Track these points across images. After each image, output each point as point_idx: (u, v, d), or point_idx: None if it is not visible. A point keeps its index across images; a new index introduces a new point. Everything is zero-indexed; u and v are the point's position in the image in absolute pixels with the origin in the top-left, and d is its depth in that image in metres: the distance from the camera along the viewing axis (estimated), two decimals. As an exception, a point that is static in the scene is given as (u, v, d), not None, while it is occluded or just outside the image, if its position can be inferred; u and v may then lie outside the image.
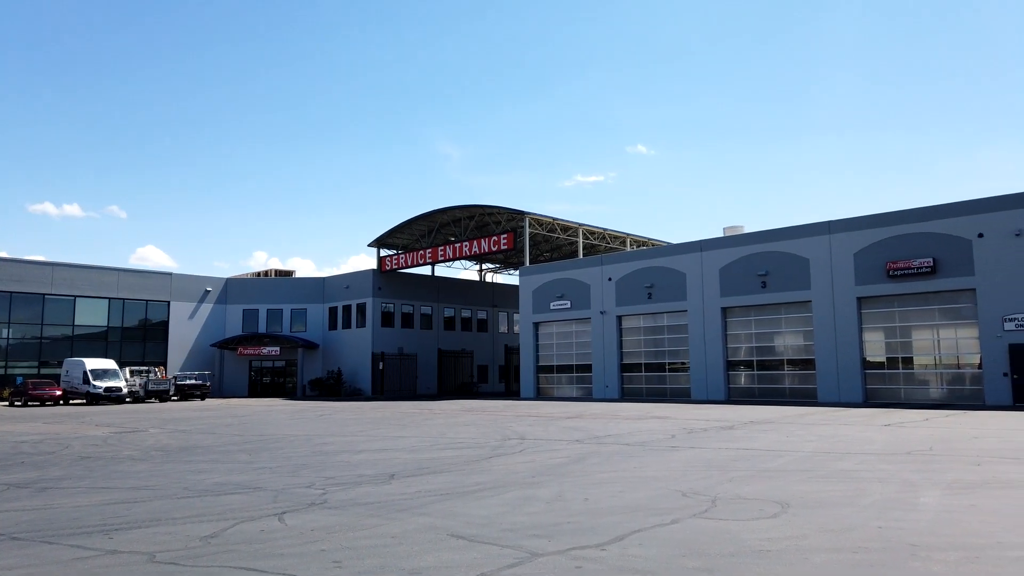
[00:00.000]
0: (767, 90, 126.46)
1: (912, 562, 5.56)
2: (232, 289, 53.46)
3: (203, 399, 44.64)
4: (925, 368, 28.92)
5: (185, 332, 50.90)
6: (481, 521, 7.36)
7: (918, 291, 28.57)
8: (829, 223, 31.28)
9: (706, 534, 6.62)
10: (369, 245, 51.23)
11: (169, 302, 50.39)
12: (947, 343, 28.41)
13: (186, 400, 43.81)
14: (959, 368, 28.12)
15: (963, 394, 27.71)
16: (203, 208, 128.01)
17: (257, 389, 52.53)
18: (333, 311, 52.65)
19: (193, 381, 45.18)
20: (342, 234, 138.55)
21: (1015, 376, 26.01)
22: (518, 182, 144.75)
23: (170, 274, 51.27)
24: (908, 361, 29.27)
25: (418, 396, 47.80)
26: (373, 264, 50.90)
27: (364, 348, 49.55)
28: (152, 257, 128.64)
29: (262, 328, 52.68)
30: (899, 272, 28.79)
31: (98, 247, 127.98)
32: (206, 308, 52.09)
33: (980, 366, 27.14)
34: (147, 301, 49.61)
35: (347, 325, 51.39)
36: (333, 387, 49.51)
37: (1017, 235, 26.25)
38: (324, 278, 54.50)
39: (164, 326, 50.23)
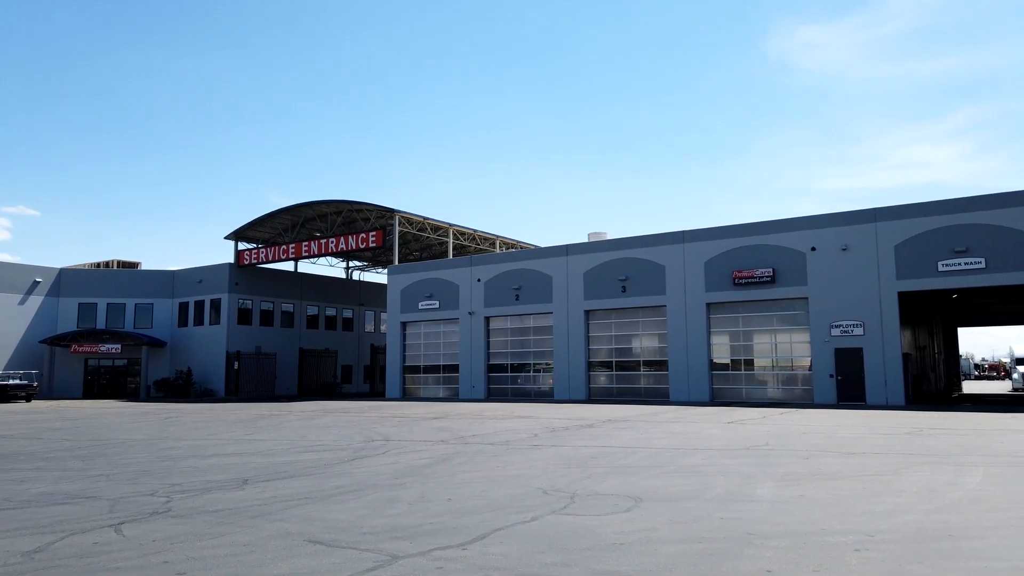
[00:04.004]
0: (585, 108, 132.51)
1: (748, 549, 6.01)
2: (67, 280, 48.71)
3: (29, 401, 40.40)
4: (764, 369, 31.41)
5: (9, 327, 45.77)
6: (340, 525, 7.15)
7: (760, 298, 30.99)
8: (683, 233, 33.22)
9: (565, 529, 6.81)
10: (226, 237, 48.28)
11: (-10, 293, 45.23)
12: (783, 347, 31.02)
13: (8, 402, 39.41)
14: (793, 370, 30.77)
15: (796, 393, 30.35)
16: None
17: (94, 390, 48.19)
18: (184, 307, 49.31)
19: (17, 381, 40.77)
20: (195, 229, 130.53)
21: (839, 377, 28.85)
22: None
23: (-8, 262, 46.05)
24: (749, 363, 31.66)
25: (277, 397, 45.83)
26: (230, 258, 48.28)
27: (218, 347, 46.82)
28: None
29: (101, 324, 48.36)
30: (744, 280, 31.09)
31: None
32: (35, 301, 47.14)
33: (810, 368, 29.84)
34: (-37, 292, 44.26)
35: (199, 322, 48.32)
36: (182, 388, 46.40)
37: (843, 250, 29.11)
38: (174, 271, 50.85)
39: (-17, 320, 45.01)
